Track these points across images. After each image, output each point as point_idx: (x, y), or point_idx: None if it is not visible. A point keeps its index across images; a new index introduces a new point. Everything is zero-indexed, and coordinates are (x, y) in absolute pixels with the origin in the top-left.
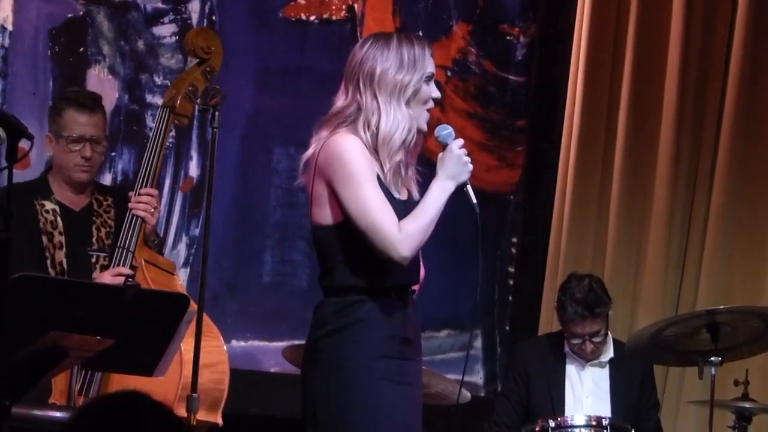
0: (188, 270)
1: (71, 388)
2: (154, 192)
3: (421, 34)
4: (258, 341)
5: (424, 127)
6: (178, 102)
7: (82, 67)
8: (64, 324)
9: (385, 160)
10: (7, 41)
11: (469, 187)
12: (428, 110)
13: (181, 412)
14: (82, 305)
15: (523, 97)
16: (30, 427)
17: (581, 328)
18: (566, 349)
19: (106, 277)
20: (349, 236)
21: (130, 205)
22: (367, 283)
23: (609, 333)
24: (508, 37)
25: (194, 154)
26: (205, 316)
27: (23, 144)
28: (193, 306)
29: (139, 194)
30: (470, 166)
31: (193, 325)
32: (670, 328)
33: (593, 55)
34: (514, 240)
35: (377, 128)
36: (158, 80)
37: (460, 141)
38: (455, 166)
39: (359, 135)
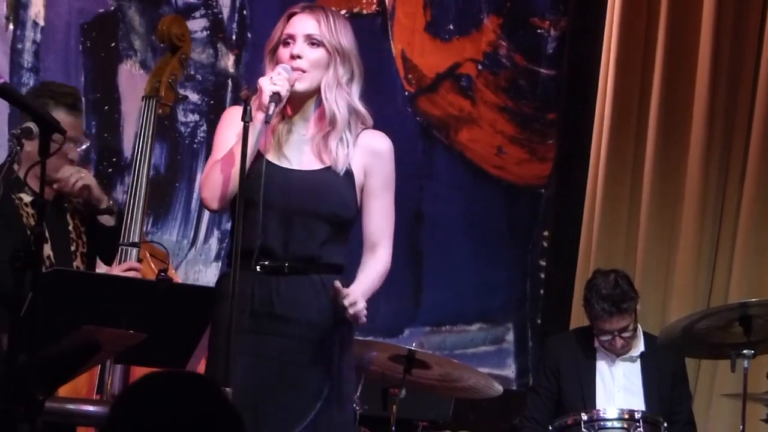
0: (219, 264)
1: (104, 382)
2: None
3: (451, 27)
4: None
5: (294, 87)
6: (163, 92)
7: (114, 62)
8: (96, 318)
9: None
10: (38, 36)
11: (272, 104)
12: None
13: None
14: (114, 299)
15: (554, 90)
16: (63, 421)
17: (609, 325)
18: (596, 344)
19: (117, 271)
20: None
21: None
22: (229, 251)
23: (639, 327)
24: (538, 30)
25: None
26: None
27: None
28: None
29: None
30: (270, 86)
31: None
32: (703, 321)
33: (624, 48)
34: (546, 233)
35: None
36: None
37: (270, 73)
38: (258, 96)
39: None
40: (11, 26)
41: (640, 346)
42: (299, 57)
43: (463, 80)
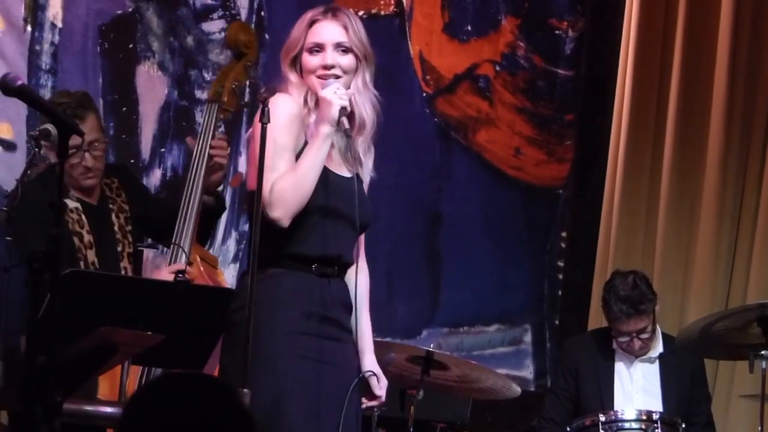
0: (237, 266)
1: (122, 384)
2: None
3: (469, 28)
4: None
5: (321, 94)
6: (225, 97)
7: (132, 64)
8: (114, 319)
9: (306, 127)
10: (56, 38)
11: (344, 118)
12: (322, 77)
13: None
14: (132, 301)
15: (572, 91)
16: (81, 423)
17: (627, 326)
18: (615, 345)
19: (164, 273)
20: None
21: (212, 152)
22: (285, 253)
23: (658, 327)
24: (556, 31)
25: (243, 149)
26: None
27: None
28: None
29: (212, 146)
30: (339, 101)
31: None
32: (721, 322)
33: (642, 49)
34: (564, 234)
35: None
36: (207, 76)
37: (330, 87)
38: (322, 108)
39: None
40: (29, 28)
41: (658, 347)
42: (333, 66)
43: (481, 81)
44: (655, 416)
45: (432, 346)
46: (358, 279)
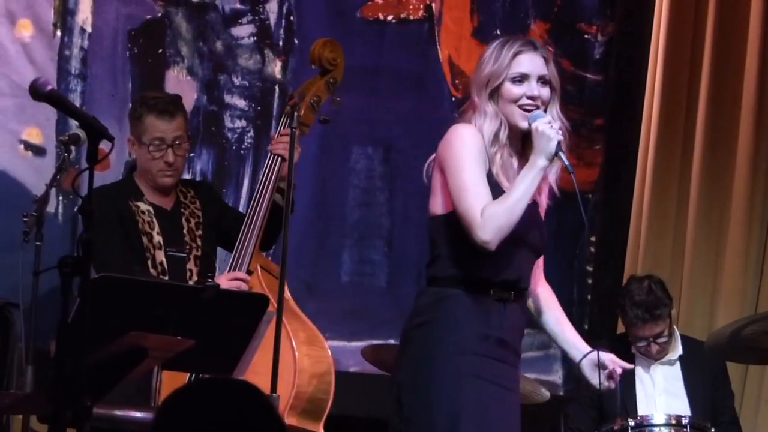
0: None
1: (153, 389)
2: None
3: (498, 33)
4: (337, 341)
5: (520, 124)
6: (303, 111)
7: (161, 69)
8: (144, 324)
9: (492, 157)
10: (86, 43)
11: (561, 153)
12: (525, 108)
13: (291, 421)
14: (161, 305)
15: (601, 95)
16: (111, 427)
17: (643, 331)
18: (633, 350)
19: (222, 281)
20: (456, 226)
21: (270, 147)
22: (465, 276)
23: (676, 330)
24: (585, 36)
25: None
26: (310, 324)
27: (103, 145)
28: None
29: (280, 135)
30: (556, 135)
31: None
32: (750, 327)
33: (671, 53)
34: (593, 239)
35: (476, 123)
36: (237, 81)
37: (544, 118)
38: (539, 140)
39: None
40: (59, 33)
41: (677, 350)
42: (537, 98)
43: None
44: (685, 420)
45: None
46: (540, 290)
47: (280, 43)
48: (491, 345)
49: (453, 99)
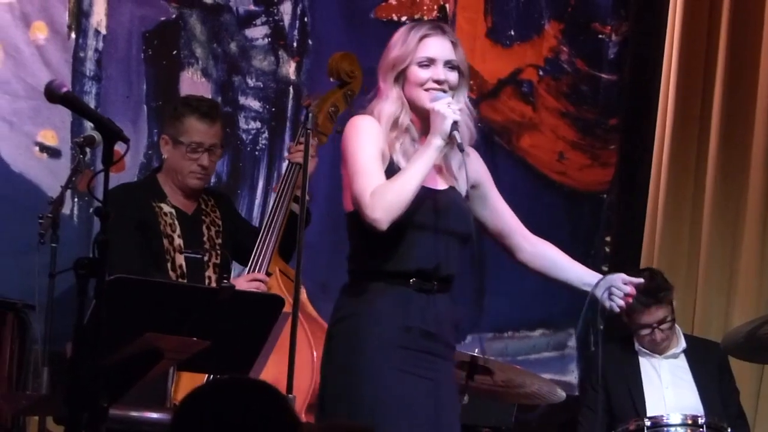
0: None
1: (168, 390)
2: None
3: (512, 33)
4: None
5: (427, 107)
6: (320, 120)
7: (176, 70)
8: (159, 325)
9: (393, 142)
10: (101, 45)
11: (456, 133)
12: (429, 90)
13: (310, 419)
14: (177, 307)
15: (616, 95)
16: (127, 428)
17: (647, 317)
18: (637, 346)
19: (241, 282)
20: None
21: (288, 156)
22: (382, 268)
23: (678, 327)
24: (600, 36)
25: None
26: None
27: (118, 147)
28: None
29: (298, 143)
30: (453, 115)
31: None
32: (766, 326)
33: (686, 52)
34: (608, 238)
35: (376, 109)
36: (251, 82)
37: (444, 99)
38: (435, 120)
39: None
40: (73, 35)
41: (681, 344)
42: (444, 82)
43: (524, 86)
44: (701, 420)
45: (476, 351)
46: (538, 247)
47: (294, 45)
48: (414, 337)
49: (467, 99)
